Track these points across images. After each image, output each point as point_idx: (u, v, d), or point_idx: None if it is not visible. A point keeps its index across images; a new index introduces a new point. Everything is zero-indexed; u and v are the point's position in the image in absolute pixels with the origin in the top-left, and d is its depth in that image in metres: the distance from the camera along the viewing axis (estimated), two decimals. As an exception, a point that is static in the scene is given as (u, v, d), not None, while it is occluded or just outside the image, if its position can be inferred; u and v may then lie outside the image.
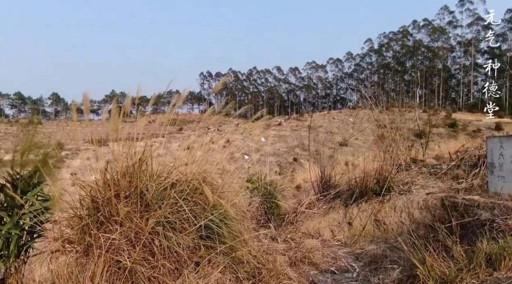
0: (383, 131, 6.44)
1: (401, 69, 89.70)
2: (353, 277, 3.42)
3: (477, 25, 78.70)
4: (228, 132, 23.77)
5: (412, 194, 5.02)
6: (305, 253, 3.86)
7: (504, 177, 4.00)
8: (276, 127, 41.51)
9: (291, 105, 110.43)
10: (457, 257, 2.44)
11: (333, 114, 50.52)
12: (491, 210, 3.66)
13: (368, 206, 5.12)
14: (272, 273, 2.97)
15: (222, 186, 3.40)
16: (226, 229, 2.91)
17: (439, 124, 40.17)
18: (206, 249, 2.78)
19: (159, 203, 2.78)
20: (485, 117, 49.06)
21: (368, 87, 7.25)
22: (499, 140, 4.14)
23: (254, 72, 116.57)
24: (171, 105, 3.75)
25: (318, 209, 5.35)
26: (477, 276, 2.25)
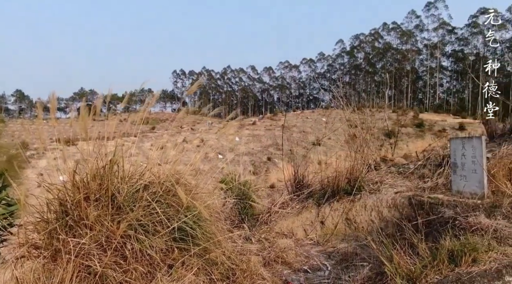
0: (354, 131, 6.60)
1: (371, 70, 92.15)
2: (325, 275, 3.49)
3: (442, 29, 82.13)
4: (202, 132, 23.58)
5: (381, 193, 5.17)
6: (278, 252, 3.90)
7: (466, 177, 4.20)
8: (250, 126, 41.55)
9: (265, 104, 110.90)
10: (422, 254, 2.54)
11: (307, 114, 51.18)
12: (453, 208, 3.84)
13: (339, 205, 5.23)
14: (246, 274, 2.98)
15: (196, 187, 3.37)
16: (199, 230, 2.89)
17: (408, 124, 41.60)
18: (179, 251, 2.75)
19: (131, 205, 2.73)
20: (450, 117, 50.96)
21: (340, 88, 7.41)
22: (461, 141, 4.34)
23: (228, 71, 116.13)
24: (145, 104, 3.68)
25: (292, 209, 5.41)
26: (440, 272, 2.36)
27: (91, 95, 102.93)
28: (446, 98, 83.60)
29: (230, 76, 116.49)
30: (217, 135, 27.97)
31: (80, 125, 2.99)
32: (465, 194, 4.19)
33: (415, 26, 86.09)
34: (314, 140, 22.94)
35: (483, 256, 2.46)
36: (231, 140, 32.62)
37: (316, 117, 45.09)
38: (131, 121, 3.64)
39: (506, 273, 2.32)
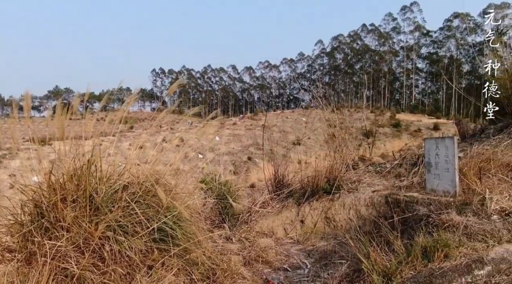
0: (333, 130, 6.71)
1: (350, 71, 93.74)
2: (304, 273, 3.54)
3: (418, 31, 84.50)
4: (182, 131, 23.36)
5: (359, 192, 5.28)
6: (259, 252, 3.93)
7: (439, 175, 4.35)
8: (230, 126, 41.48)
9: (245, 104, 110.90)
10: (398, 251, 2.63)
11: (287, 113, 51.55)
12: (427, 206, 3.97)
13: (319, 204, 5.31)
14: (227, 273, 2.99)
15: (176, 187, 3.36)
16: (180, 231, 2.88)
17: (385, 124, 42.58)
18: (159, 252, 2.73)
19: (109, 206, 2.69)
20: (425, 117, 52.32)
21: (320, 88, 7.51)
22: (435, 141, 4.49)
23: (208, 70, 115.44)
24: (125, 103, 3.62)
25: (272, 208, 5.45)
26: (414, 268, 2.45)
27: (67, 93, 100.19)
28: (422, 99, 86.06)
29: (211, 75, 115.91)
30: (197, 135, 27.80)
31: (56, 124, 2.92)
32: (438, 192, 4.33)
33: (392, 29, 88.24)
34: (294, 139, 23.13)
35: (454, 251, 2.57)
36: (212, 139, 32.47)
37: (296, 117, 45.47)
38: (109, 120, 3.58)
39: (475, 268, 2.43)
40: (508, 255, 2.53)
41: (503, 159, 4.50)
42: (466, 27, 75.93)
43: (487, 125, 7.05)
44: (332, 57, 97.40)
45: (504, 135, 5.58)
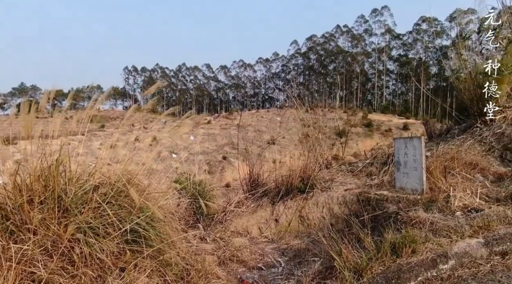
0: (307, 130, 6.81)
1: (324, 72, 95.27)
2: (278, 271, 3.58)
3: (388, 34, 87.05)
4: (155, 130, 22.94)
5: (332, 191, 5.39)
6: (233, 251, 3.94)
7: (408, 174, 4.52)
8: (205, 125, 41.19)
9: (220, 103, 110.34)
10: (368, 248, 2.71)
11: (262, 113, 51.77)
12: (397, 203, 4.12)
13: (293, 203, 5.38)
14: (201, 274, 2.98)
15: (149, 187, 3.31)
16: (153, 232, 2.84)
17: (357, 124, 43.61)
18: (132, 254, 2.69)
19: (79, 207, 2.61)
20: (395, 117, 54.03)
21: (294, 88, 7.59)
22: (404, 141, 4.66)
23: (183, 69, 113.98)
24: (92, 101, 3.52)
25: (247, 208, 5.47)
26: (383, 264, 2.54)
27: (33, 91, 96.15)
28: (392, 100, 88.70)
29: (185, 74, 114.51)
30: (171, 134, 27.36)
31: (21, 123, 2.81)
32: (407, 190, 4.49)
33: (364, 31, 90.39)
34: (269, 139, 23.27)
35: (421, 247, 2.68)
36: (186, 139, 32.10)
37: (271, 116, 45.75)
38: (78, 119, 3.47)
39: (440, 262, 2.54)
40: (470, 249, 2.66)
41: (467, 158, 4.72)
42: (433, 31, 79.02)
43: (452, 126, 7.36)
44: (306, 58, 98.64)
45: (468, 135, 5.86)
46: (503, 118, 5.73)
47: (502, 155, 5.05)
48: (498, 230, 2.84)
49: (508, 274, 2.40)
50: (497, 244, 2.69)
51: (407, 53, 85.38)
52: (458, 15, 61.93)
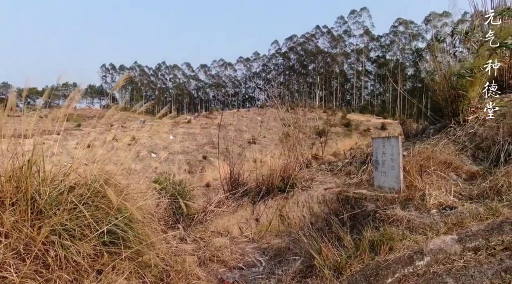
0: (288, 130, 6.85)
1: (304, 72, 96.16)
2: (259, 271, 3.58)
3: (367, 36, 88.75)
4: (134, 129, 22.52)
5: (312, 190, 5.44)
6: (214, 251, 3.92)
7: (386, 173, 4.62)
8: (185, 124, 40.78)
9: (200, 102, 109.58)
10: (347, 246, 2.76)
11: (242, 112, 51.74)
12: (375, 202, 4.20)
13: (274, 202, 5.40)
14: (181, 275, 2.94)
15: (127, 188, 3.24)
16: (131, 233, 2.78)
17: (337, 123, 44.23)
18: (109, 256, 2.62)
19: (54, 209, 2.53)
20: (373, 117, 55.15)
21: (275, 87, 7.64)
22: (382, 141, 4.76)
23: (162, 67, 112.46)
24: (68, 99, 3.42)
25: (227, 207, 5.45)
26: (362, 261, 2.58)
27: (4, 88, 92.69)
28: (370, 100, 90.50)
29: (164, 72, 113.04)
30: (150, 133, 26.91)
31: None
32: (384, 189, 4.59)
33: (343, 32, 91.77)
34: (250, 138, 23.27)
35: (398, 244, 2.74)
36: (165, 138, 31.68)
37: (251, 115, 45.79)
38: (52, 117, 3.36)
39: (416, 259, 2.61)
40: (445, 246, 2.75)
41: (441, 157, 4.86)
42: (409, 34, 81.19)
43: (428, 126, 7.56)
44: (286, 58, 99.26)
45: (442, 135, 6.03)
46: (476, 118, 5.93)
47: (474, 154, 5.23)
48: (470, 226, 2.94)
49: (480, 269, 2.49)
50: (470, 240, 2.79)
51: (385, 54, 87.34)
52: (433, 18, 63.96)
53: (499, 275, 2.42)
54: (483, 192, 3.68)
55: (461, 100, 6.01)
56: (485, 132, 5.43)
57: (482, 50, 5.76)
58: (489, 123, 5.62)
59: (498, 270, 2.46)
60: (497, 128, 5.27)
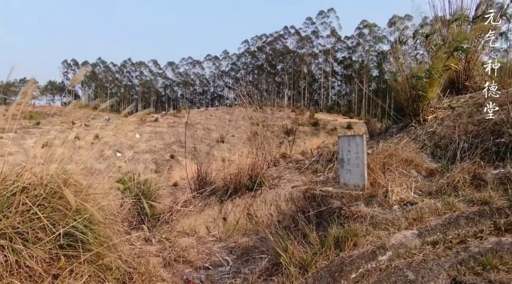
0: (256, 128, 6.85)
1: (273, 71, 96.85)
2: (226, 270, 3.55)
3: (334, 37, 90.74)
4: (98, 128, 21.70)
5: (280, 188, 5.47)
6: (180, 252, 3.83)
7: (351, 171, 4.72)
8: (152, 123, 39.85)
9: (168, 100, 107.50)
10: (313, 243, 2.78)
11: (211, 111, 51.33)
12: (340, 199, 4.28)
13: (241, 201, 5.38)
14: (144, 277, 2.85)
15: (88, 188, 3.09)
16: (91, 235, 2.66)
17: (305, 123, 44.93)
18: (67, 259, 2.49)
19: (5, 211, 2.36)
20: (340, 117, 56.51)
21: (244, 86, 7.63)
22: (347, 139, 4.86)
23: (128, 64, 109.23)
24: (21, 93, 3.22)
25: (194, 207, 5.37)
26: (327, 258, 2.62)
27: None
28: (337, 100, 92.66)
29: (130, 69, 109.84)
30: (115, 132, 26.04)
31: None
32: (350, 186, 4.69)
33: (311, 32, 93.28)
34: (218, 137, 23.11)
35: (362, 240, 2.81)
36: (131, 137, 30.81)
37: (220, 114, 45.51)
38: (7, 114, 3.14)
39: (379, 254, 2.68)
40: (406, 240, 2.84)
41: (403, 155, 5.04)
42: (373, 36, 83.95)
43: (391, 125, 7.84)
44: (254, 57, 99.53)
45: (404, 134, 6.26)
46: (434, 118, 6.21)
47: (433, 152, 5.47)
48: (429, 221, 3.06)
49: (438, 262, 2.59)
50: (429, 234, 2.90)
51: (351, 55, 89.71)
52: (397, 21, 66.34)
53: (455, 267, 2.53)
54: (441, 188, 3.85)
55: (421, 100, 6.27)
56: (443, 131, 5.70)
57: (441, 53, 6.02)
58: (446, 122, 5.89)
59: (455, 262, 2.58)
60: (454, 128, 5.54)
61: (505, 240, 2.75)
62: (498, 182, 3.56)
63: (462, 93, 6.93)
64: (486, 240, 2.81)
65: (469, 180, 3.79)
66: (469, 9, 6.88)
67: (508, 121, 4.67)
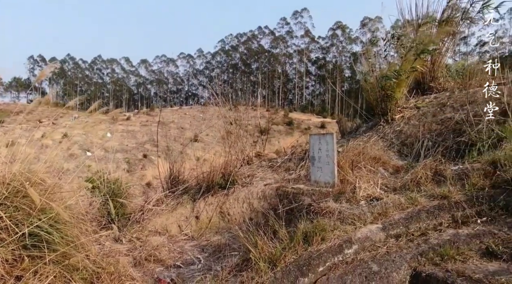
0: (230, 127, 6.86)
1: (248, 70, 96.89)
2: (197, 268, 3.55)
3: (308, 37, 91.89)
4: (66, 126, 20.98)
5: (252, 186, 5.52)
6: (151, 251, 3.80)
7: (321, 168, 4.84)
8: (124, 121, 38.96)
9: (141, 99, 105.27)
10: (282, 238, 2.85)
11: (185, 110, 50.81)
12: (311, 196, 4.38)
13: (214, 199, 5.39)
14: (113, 276, 2.81)
15: (54, 187, 3.01)
16: (57, 234, 2.59)
17: (279, 122, 45.32)
18: (31, 260, 2.42)
19: (-37, 211, 2.27)
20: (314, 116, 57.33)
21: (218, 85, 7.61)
22: (318, 137, 4.97)
23: (98, 61, 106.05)
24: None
25: (166, 206, 5.32)
26: (296, 252, 2.68)
27: None
28: (311, 100, 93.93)
29: (101, 66, 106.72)
30: (85, 131, 25.28)
31: None
32: (320, 183, 4.80)
33: (286, 32, 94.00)
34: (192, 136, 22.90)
35: (329, 234, 2.89)
36: (102, 136, 29.99)
37: (194, 113, 45.12)
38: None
39: (345, 247, 2.77)
40: (371, 234, 2.95)
41: (371, 153, 5.21)
42: (346, 37, 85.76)
43: (361, 124, 8.07)
44: (229, 56, 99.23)
45: (373, 132, 6.47)
46: (402, 117, 6.45)
47: (400, 150, 5.69)
48: (393, 215, 3.20)
49: (401, 254, 2.72)
50: (392, 228, 3.03)
51: (325, 56, 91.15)
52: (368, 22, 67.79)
53: (416, 258, 2.66)
54: (405, 184, 4.02)
55: (389, 100, 6.50)
56: (409, 130, 5.93)
57: (409, 55, 6.26)
58: (412, 121, 6.14)
59: (416, 254, 2.71)
60: (419, 127, 5.79)
61: (462, 232, 2.92)
62: (457, 177, 3.76)
63: (427, 94, 7.23)
64: (444, 232, 2.96)
65: (431, 176, 3.98)
66: (436, 13, 7.18)
67: (468, 121, 4.93)
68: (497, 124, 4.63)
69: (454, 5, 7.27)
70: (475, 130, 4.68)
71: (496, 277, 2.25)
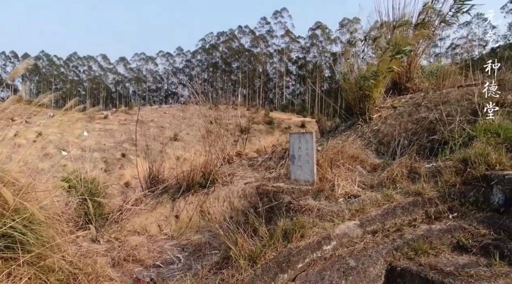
0: (210, 126, 6.84)
1: (228, 69, 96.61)
2: (177, 267, 3.54)
3: (288, 37, 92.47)
4: (41, 125, 20.32)
5: (233, 185, 5.53)
6: (129, 251, 3.76)
7: (301, 167, 4.90)
8: (101, 120, 38.10)
9: (119, 97, 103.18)
10: (262, 236, 2.88)
11: (165, 108, 50.20)
12: (291, 194, 4.43)
13: (194, 198, 5.36)
14: (91, 277, 2.77)
15: (28, 187, 2.93)
16: (32, 235, 2.53)
17: (260, 121, 45.44)
18: (4, 262, 2.36)
19: None
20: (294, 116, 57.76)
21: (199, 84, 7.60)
22: (298, 136, 5.03)
23: (74, 58, 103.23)
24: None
25: (146, 205, 5.26)
26: (276, 249, 2.72)
27: None
28: (292, 99, 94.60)
29: (77, 63, 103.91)
30: (61, 129, 24.56)
31: None
32: (300, 181, 4.86)
33: (266, 32, 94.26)
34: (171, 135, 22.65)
35: (309, 231, 2.94)
36: (79, 135, 29.23)
37: (174, 112, 44.64)
38: None
39: (324, 244, 2.83)
40: (349, 230, 3.02)
41: (350, 152, 5.32)
42: (325, 38, 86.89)
43: (340, 123, 8.20)
44: (209, 54, 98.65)
45: (352, 131, 6.60)
46: (379, 116, 6.61)
47: (377, 148, 5.83)
48: (370, 212, 3.28)
49: (377, 249, 2.80)
50: (369, 224, 3.11)
51: (305, 56, 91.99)
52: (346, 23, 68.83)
53: (392, 253, 2.75)
54: (382, 182, 4.13)
55: (367, 100, 6.64)
56: (386, 129, 6.08)
57: (385, 56, 6.41)
58: (389, 121, 6.30)
59: (391, 249, 2.79)
60: (396, 126, 5.94)
61: (435, 227, 3.03)
62: (430, 175, 3.89)
63: (404, 94, 7.43)
64: (418, 227, 3.07)
65: (406, 173, 4.10)
66: (412, 16, 7.38)
67: (441, 120, 5.11)
68: (468, 123, 4.82)
69: (429, 8, 7.50)
70: (447, 129, 4.85)
71: (466, 270, 2.35)
